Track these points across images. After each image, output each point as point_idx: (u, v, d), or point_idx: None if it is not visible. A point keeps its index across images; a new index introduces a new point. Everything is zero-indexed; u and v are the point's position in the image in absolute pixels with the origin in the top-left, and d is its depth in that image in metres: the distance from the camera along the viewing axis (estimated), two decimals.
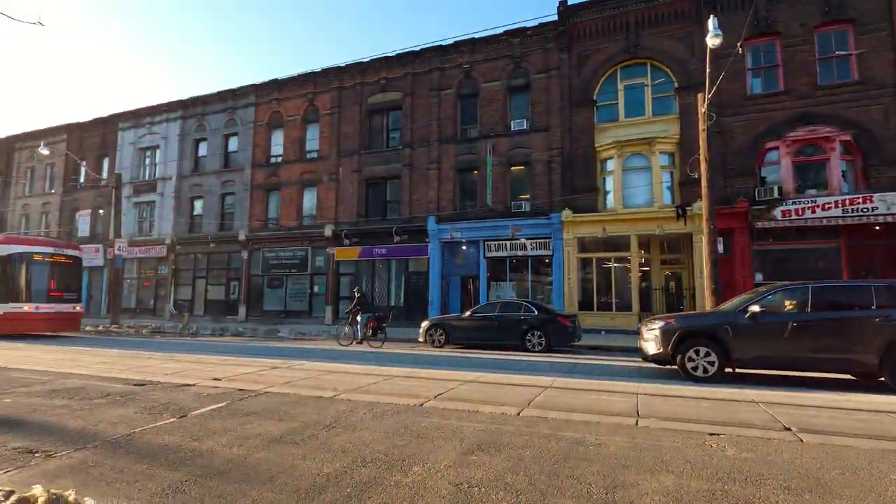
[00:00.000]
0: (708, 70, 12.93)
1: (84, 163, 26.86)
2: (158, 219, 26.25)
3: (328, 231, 21.82)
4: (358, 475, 3.41)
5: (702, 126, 13.35)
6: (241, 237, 23.42)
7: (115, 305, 21.08)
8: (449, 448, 3.98)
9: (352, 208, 22.11)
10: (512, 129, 20.05)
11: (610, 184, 18.48)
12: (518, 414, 5.14)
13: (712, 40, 11.82)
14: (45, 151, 20.48)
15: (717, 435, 4.42)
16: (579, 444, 4.10)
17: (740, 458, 3.81)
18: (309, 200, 23.33)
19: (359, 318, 14.25)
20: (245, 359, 10.05)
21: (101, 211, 27.90)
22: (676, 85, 17.83)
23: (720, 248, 14.74)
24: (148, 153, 27.47)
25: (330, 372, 8.13)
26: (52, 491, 2.28)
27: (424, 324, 14.05)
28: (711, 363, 7.66)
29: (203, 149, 25.89)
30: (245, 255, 23.52)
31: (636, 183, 17.98)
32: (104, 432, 4.50)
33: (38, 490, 2.31)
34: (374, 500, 3.01)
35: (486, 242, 19.61)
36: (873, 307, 7.15)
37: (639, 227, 17.48)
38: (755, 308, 7.60)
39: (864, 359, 7.05)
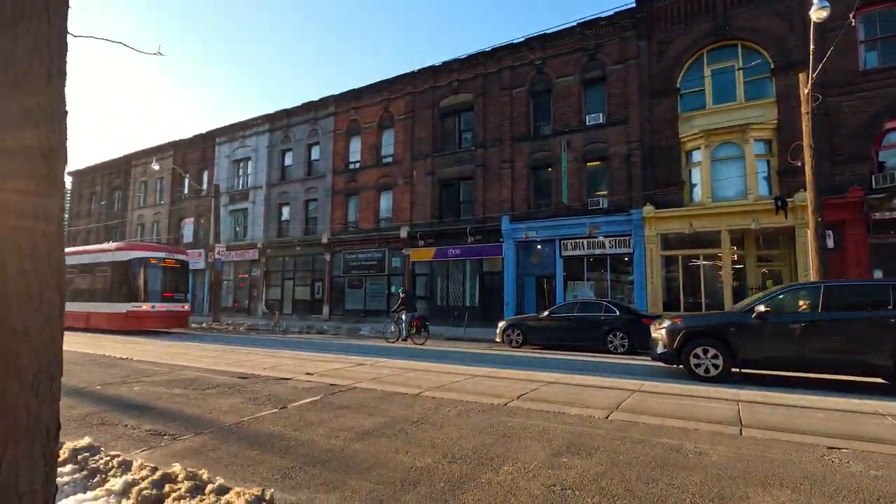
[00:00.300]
0: (812, 46, 11.71)
1: (188, 175, 29.72)
2: (251, 225, 28.45)
3: (404, 233, 22.44)
4: (449, 471, 3.48)
5: (805, 109, 12.12)
6: (324, 240, 24.75)
7: (215, 304, 23.14)
8: (538, 448, 3.95)
9: (426, 210, 22.57)
10: (587, 123, 19.43)
11: (697, 176, 17.32)
12: (607, 417, 4.98)
13: (817, 13, 10.69)
14: (155, 167, 23.01)
15: (838, 449, 4.00)
16: (677, 451, 3.89)
17: (869, 475, 3.42)
18: (385, 203, 24.14)
19: (403, 316, 14.83)
20: (331, 355, 10.61)
21: (202, 219, 30.75)
22: (773, 65, 16.33)
23: (829, 242, 13.29)
24: (241, 164, 29.87)
25: (412, 370, 8.36)
26: (189, 469, 2.56)
27: (501, 324, 14.01)
28: (717, 363, 7.63)
29: (289, 158, 27.69)
30: (327, 257, 24.82)
31: (727, 174, 16.70)
32: (218, 420, 4.96)
33: (177, 468, 2.61)
34: (468, 496, 3.06)
35: (561, 241, 19.17)
36: (890, 307, 6.86)
37: (730, 222, 16.21)
38: (761, 308, 7.48)
39: (877, 360, 6.75)
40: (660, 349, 8.28)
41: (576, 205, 19.07)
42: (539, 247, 19.85)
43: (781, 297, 7.73)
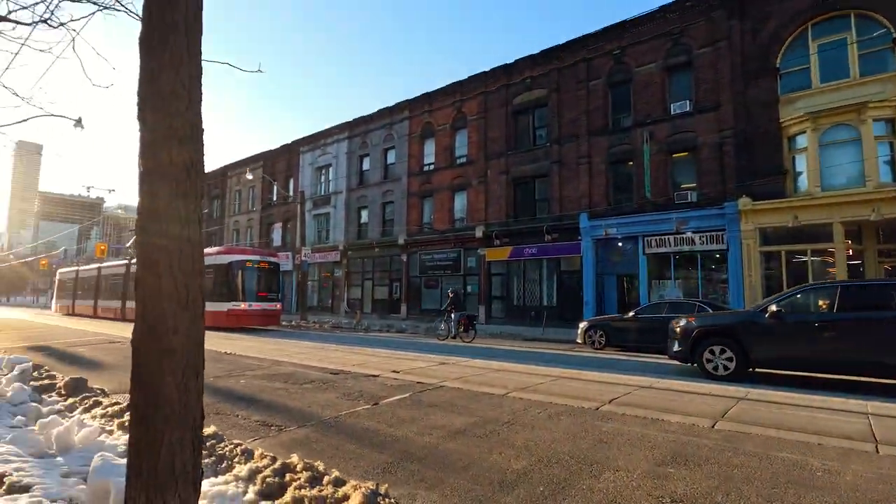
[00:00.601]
0: None
1: (276, 183, 31.87)
2: (333, 228, 29.93)
3: (479, 232, 22.47)
4: (547, 474, 3.42)
5: None
6: (400, 241, 25.44)
7: (302, 304, 24.62)
8: (639, 457, 3.76)
9: (501, 209, 22.44)
10: (672, 112, 18.29)
11: (801, 163, 15.69)
12: (712, 426, 4.64)
13: None
14: (249, 176, 24.92)
15: None
16: (801, 468, 3.53)
17: None
18: (460, 204, 24.33)
19: (453, 315, 15.63)
20: (413, 353, 10.86)
21: (289, 223, 32.83)
22: (895, 35, 14.39)
23: None
24: (323, 171, 31.52)
25: (495, 370, 8.33)
26: (306, 461, 2.72)
27: (582, 324, 13.58)
28: (730, 362, 7.69)
29: (366, 163, 28.79)
30: (404, 257, 25.49)
31: (839, 160, 14.96)
32: (317, 413, 5.25)
33: (295, 458, 2.79)
34: (570, 502, 2.98)
35: (645, 238, 18.21)
36: None
37: (844, 213, 14.50)
38: (773, 308, 7.50)
39: (891, 361, 6.64)
40: (675, 347, 8.42)
41: (660, 199, 18.02)
42: (620, 244, 19.00)
43: (797, 296, 7.72)
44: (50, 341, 14.02)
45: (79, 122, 16.47)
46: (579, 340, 13.42)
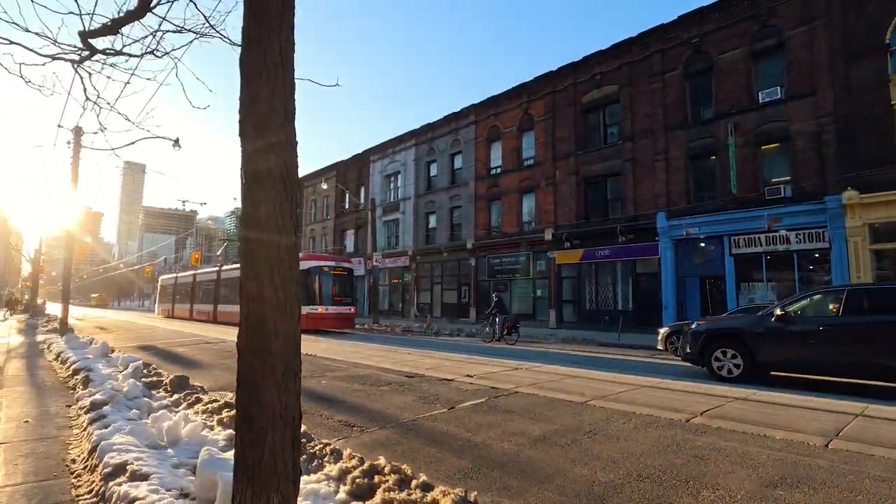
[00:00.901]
0: None
1: (348, 192, 33.20)
2: (402, 233, 30.67)
3: (548, 235, 22.01)
4: (639, 489, 3.22)
5: None
6: (468, 245, 25.51)
7: (373, 308, 25.39)
8: (741, 476, 3.45)
9: (571, 210, 21.84)
10: (760, 101, 16.89)
11: None
12: (825, 445, 4.17)
13: None
14: (324, 186, 26.20)
15: None
16: None
17: None
18: (528, 206, 23.99)
19: (497, 319, 16.04)
20: (485, 358, 10.80)
21: (360, 230, 34.06)
22: None
23: None
24: (392, 178, 32.42)
25: (571, 376, 8.07)
26: (393, 464, 2.76)
27: (663, 330, 12.83)
28: (737, 364, 7.88)
29: (433, 169, 29.23)
30: (472, 261, 25.53)
31: None
32: (396, 416, 5.34)
33: (382, 461, 2.84)
34: None
35: (731, 237, 16.91)
36: None
37: None
38: (778, 311, 7.63)
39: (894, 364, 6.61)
40: (688, 349, 8.67)
41: (748, 195, 16.67)
42: (703, 245, 17.79)
43: (803, 301, 7.83)
44: (154, 341, 15.50)
45: (176, 143, 18.12)
46: (660, 347, 12.67)
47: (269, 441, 1.96)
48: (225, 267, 27.41)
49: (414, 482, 2.55)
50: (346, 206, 36.17)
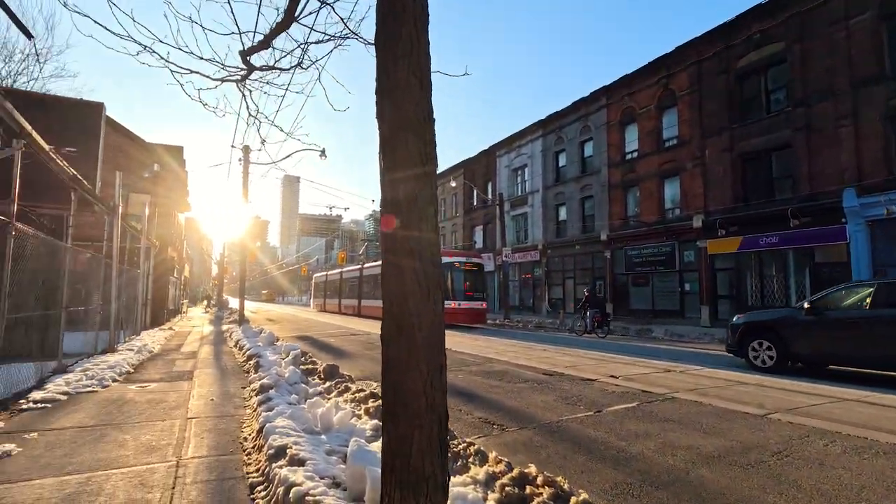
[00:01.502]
0: None
1: (475, 188, 33.56)
2: (531, 227, 30.05)
3: (697, 222, 19.64)
4: None
5: None
6: (603, 237, 23.97)
7: (504, 303, 25.25)
8: None
9: (724, 193, 19.18)
10: None
11: None
12: None
13: None
14: (452, 184, 26.79)
15: None
16: None
17: None
18: (670, 191, 21.70)
19: (588, 312, 16.84)
20: (629, 357, 9.90)
21: (489, 225, 34.23)
22: None
23: None
24: (519, 172, 31.97)
25: (739, 382, 6.94)
26: (546, 475, 2.48)
27: None
28: (771, 355, 8.23)
29: (562, 159, 28.07)
30: (607, 254, 23.95)
31: None
32: (537, 416, 5.03)
33: (533, 469, 2.57)
34: None
35: None
36: None
37: None
38: (807, 304, 7.96)
39: None
40: (728, 341, 9.17)
41: None
42: None
43: (834, 294, 7.97)
44: (310, 332, 17.28)
45: (323, 153, 19.98)
46: None
47: (417, 441, 1.81)
48: (367, 265, 29.61)
49: (573, 500, 2.23)
50: (475, 203, 36.63)
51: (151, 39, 3.69)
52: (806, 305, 7.95)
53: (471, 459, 2.99)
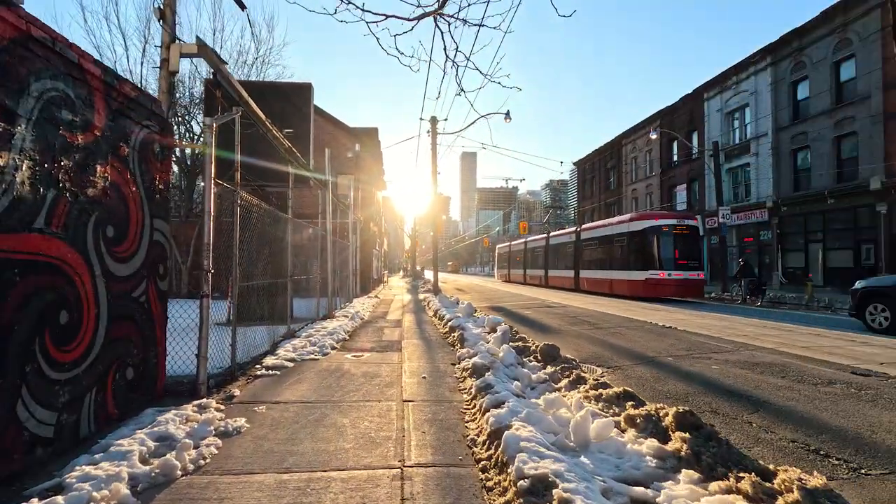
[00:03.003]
0: None
1: (680, 137, 28.79)
2: (755, 181, 24.48)
3: None
4: None
5: None
6: (874, 185, 17.93)
7: (722, 273, 21.11)
8: None
9: None
10: None
11: None
12: None
13: None
14: (653, 136, 23.13)
15: None
16: None
17: None
18: None
19: (742, 282, 17.06)
20: None
21: (694, 183, 29.26)
22: None
23: None
24: (735, 115, 26.24)
25: None
26: None
27: None
28: (886, 318, 8.89)
29: (802, 90, 21.87)
30: (881, 208, 17.88)
31: None
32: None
33: None
34: None
35: None
36: None
37: None
38: None
39: None
40: (849, 307, 10.05)
41: None
42: None
43: None
44: (502, 303, 16.74)
45: (507, 115, 18.99)
46: None
47: None
48: (553, 233, 28.11)
49: None
50: (675, 159, 31.71)
51: None
52: None
53: None
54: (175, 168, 19.09)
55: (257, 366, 5.38)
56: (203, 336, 4.16)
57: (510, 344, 6.31)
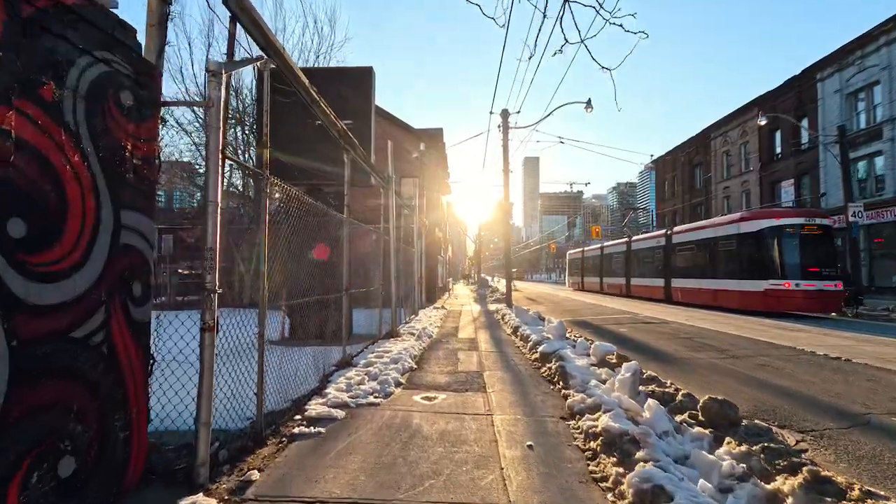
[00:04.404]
0: None
1: (795, 122, 24.97)
2: (889, 172, 20.47)
3: None
4: None
5: None
6: None
7: (855, 280, 17.53)
8: None
9: None
10: None
11: None
12: None
13: None
14: (762, 122, 19.74)
15: None
16: None
17: None
18: None
19: None
20: None
21: (805, 177, 25.31)
22: None
23: None
24: (859, 96, 22.28)
25: None
26: None
27: None
28: None
29: None
30: None
31: None
32: None
33: None
34: None
35: None
36: None
37: None
38: None
39: None
40: None
41: None
42: None
43: None
44: (583, 316, 14.58)
45: (588, 103, 16.87)
46: None
47: None
48: (636, 237, 25.35)
49: None
50: (778, 151, 27.77)
51: None
52: None
53: None
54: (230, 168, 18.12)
55: (297, 417, 3.93)
56: (205, 392, 2.72)
57: (642, 387, 4.45)
